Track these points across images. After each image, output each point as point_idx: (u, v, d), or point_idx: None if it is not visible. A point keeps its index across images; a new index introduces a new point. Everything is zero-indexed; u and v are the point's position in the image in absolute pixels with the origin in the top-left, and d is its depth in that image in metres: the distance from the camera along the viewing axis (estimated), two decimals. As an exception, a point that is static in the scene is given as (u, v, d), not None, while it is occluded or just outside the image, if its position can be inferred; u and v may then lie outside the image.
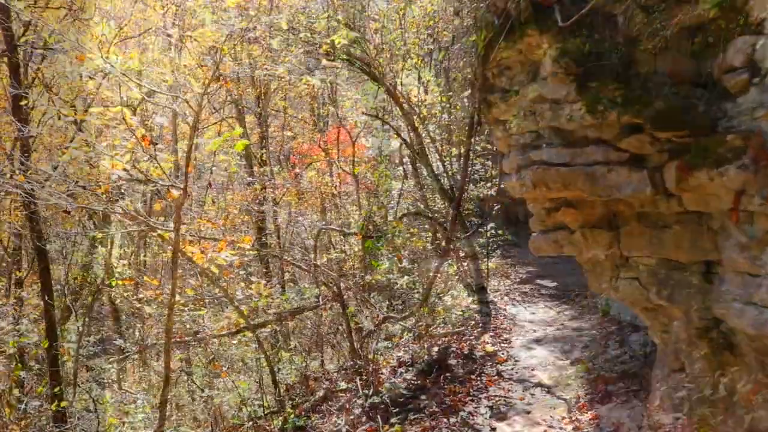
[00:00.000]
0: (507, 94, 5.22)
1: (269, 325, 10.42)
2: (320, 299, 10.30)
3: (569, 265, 19.05)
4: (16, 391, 13.24)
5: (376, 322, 11.08)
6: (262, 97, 16.90)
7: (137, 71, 7.64)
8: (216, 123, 17.52)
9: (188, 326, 11.50)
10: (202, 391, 12.15)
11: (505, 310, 13.60)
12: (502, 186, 15.10)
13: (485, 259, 14.69)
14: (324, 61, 9.80)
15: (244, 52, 11.10)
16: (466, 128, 11.62)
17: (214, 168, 17.39)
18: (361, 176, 16.25)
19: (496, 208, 15.17)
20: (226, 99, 18.05)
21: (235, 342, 10.73)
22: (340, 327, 10.62)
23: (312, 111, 19.59)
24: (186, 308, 10.69)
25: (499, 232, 16.17)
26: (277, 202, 15.13)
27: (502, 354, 11.04)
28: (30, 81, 16.24)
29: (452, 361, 10.60)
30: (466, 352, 10.99)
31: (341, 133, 16.94)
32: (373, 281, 11.03)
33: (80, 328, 10.48)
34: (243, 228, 17.62)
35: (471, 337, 11.75)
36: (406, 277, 11.40)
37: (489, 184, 15.19)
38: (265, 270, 17.31)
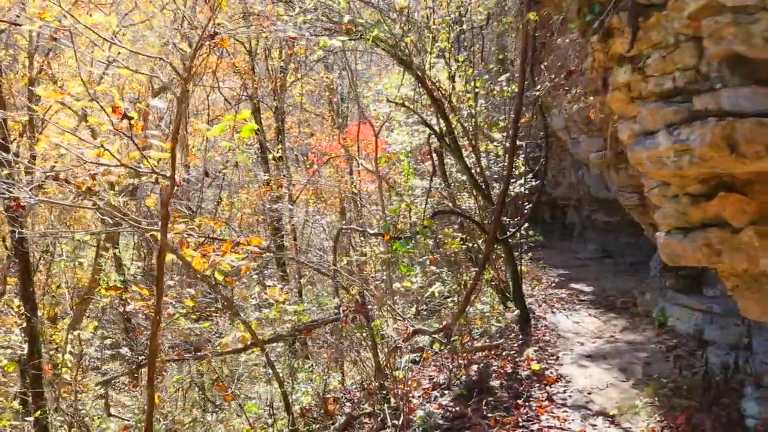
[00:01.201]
0: (646, 9, 3.13)
1: (282, 341, 8.39)
2: (341, 310, 8.23)
3: (601, 266, 16.90)
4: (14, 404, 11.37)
5: (405, 336, 9.02)
6: (278, 91, 14.91)
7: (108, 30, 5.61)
8: (231, 119, 15.50)
9: (199, 336, 9.54)
10: (214, 405, 10.18)
11: (545, 318, 11.47)
12: (544, 178, 13.02)
13: (519, 262, 12.56)
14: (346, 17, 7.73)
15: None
16: (510, 113, 9.52)
17: (227, 163, 15.41)
18: (384, 173, 14.26)
19: (528, 206, 13.01)
20: (241, 95, 16.13)
21: (243, 358, 8.71)
22: (363, 342, 8.55)
23: (330, 106, 17.56)
24: (186, 319, 8.68)
25: (530, 232, 14.05)
26: (294, 201, 13.10)
27: (551, 373, 8.91)
28: (36, 74, 14.43)
29: (494, 383, 8.50)
30: (509, 371, 8.88)
31: (362, 129, 14.96)
32: (402, 289, 8.97)
33: (66, 339, 8.47)
34: (258, 229, 15.68)
35: (512, 352, 9.65)
36: (438, 284, 9.34)
37: (521, 181, 13.05)
38: (281, 273, 15.35)
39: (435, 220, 11.58)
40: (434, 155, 11.74)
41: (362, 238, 15.57)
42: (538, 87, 8.68)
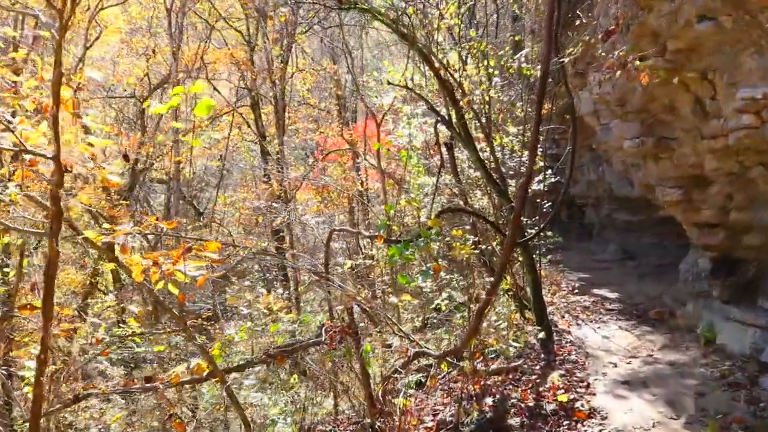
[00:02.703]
0: None
1: (250, 368, 6.35)
2: (323, 331, 6.15)
3: (623, 269, 14.53)
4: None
5: (404, 359, 6.93)
6: (277, 82, 12.91)
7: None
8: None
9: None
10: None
11: (569, 332, 9.28)
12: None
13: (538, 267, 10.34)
14: None
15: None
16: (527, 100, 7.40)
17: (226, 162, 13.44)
18: (391, 170, 12.23)
19: (549, 205, 10.78)
20: (240, 89, 14.17)
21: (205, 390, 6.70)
22: (351, 369, 6.48)
23: (338, 100, 15.50)
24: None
25: (549, 233, 11.81)
26: (289, 200, 11.08)
27: (582, 406, 6.74)
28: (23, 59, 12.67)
29: (513, 421, 6.36)
30: (530, 404, 6.73)
31: (369, 125, 12.94)
32: (401, 304, 6.89)
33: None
34: (256, 229, 13.71)
35: (533, 377, 7.48)
36: (448, 290, 7.27)
37: (540, 177, 10.82)
38: (282, 277, 13.36)
39: (443, 221, 9.48)
40: (443, 148, 9.62)
41: (370, 240, 13.50)
42: (569, 49, 6.54)
